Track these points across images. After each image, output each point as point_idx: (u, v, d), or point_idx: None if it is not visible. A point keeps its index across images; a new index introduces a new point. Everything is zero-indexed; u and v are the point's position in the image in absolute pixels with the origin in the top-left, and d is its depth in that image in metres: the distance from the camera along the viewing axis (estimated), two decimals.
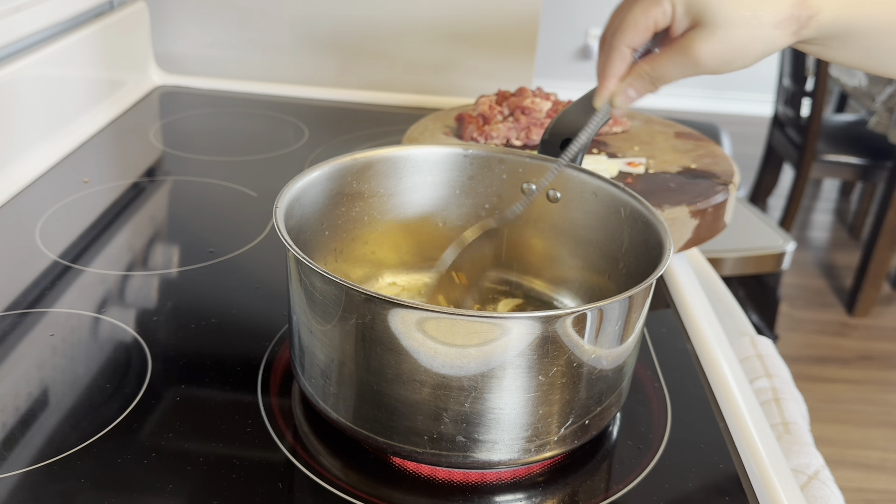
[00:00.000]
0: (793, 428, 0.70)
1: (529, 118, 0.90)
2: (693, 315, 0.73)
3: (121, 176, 0.95)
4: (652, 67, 0.54)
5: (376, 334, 0.47)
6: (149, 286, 0.72)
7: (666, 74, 0.54)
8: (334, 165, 0.61)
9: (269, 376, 0.61)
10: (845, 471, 1.91)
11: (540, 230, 0.66)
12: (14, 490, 0.49)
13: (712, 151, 0.89)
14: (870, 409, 2.12)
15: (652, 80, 0.55)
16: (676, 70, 0.53)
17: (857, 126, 2.67)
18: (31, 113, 0.93)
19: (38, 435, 0.54)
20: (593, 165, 0.82)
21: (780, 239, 1.62)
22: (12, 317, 0.66)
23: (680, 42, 0.53)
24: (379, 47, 1.27)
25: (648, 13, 0.53)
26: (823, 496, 0.62)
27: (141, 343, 0.64)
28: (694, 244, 0.78)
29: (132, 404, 0.57)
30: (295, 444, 0.54)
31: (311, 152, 1.04)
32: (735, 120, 3.91)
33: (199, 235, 0.83)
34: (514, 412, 0.48)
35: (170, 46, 1.29)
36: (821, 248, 2.90)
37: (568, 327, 0.46)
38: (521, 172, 0.65)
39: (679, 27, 0.53)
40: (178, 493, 0.50)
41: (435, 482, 0.52)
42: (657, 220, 0.56)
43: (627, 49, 0.55)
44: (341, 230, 0.64)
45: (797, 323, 2.45)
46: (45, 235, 0.79)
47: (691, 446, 0.57)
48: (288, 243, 0.50)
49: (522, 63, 1.26)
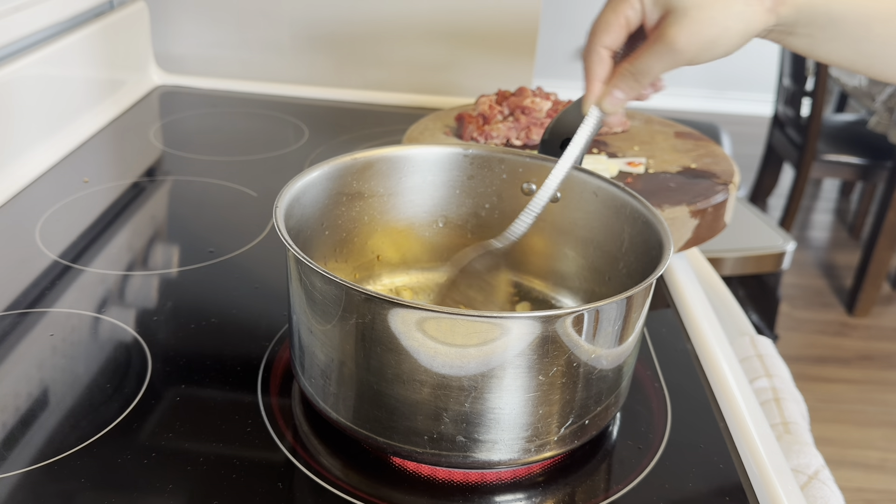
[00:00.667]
0: (793, 428, 0.70)
1: (529, 118, 0.90)
2: (693, 315, 0.73)
3: (121, 176, 0.95)
4: (632, 64, 0.54)
5: (376, 334, 0.47)
6: (149, 286, 0.72)
7: (647, 68, 0.53)
8: (334, 165, 0.61)
9: (269, 376, 0.61)
10: (845, 471, 1.91)
11: (540, 230, 0.66)
12: (14, 490, 0.49)
13: (712, 151, 0.89)
14: (870, 409, 2.12)
15: (635, 77, 0.54)
16: (657, 62, 0.53)
17: (858, 126, 2.67)
18: (31, 113, 0.93)
19: (38, 435, 0.54)
20: (593, 165, 0.82)
21: (780, 239, 1.62)
22: (12, 317, 0.66)
23: (655, 33, 0.52)
24: (379, 47, 1.27)
25: (618, 11, 0.53)
26: (823, 496, 0.62)
27: (141, 343, 0.64)
28: (694, 244, 0.78)
29: (132, 404, 0.57)
30: (295, 443, 0.54)
31: (311, 152, 1.04)
32: (735, 120, 3.91)
33: (199, 235, 0.83)
34: (514, 412, 0.48)
35: (170, 46, 1.29)
36: (821, 247, 2.90)
37: (568, 327, 0.46)
38: (521, 172, 0.65)
39: (651, 19, 0.53)
40: (178, 492, 0.50)
41: (435, 482, 0.52)
42: (657, 220, 0.56)
43: (604, 51, 0.55)
44: (341, 230, 0.64)
45: (797, 323, 2.45)
46: (45, 235, 0.79)
47: (691, 446, 0.57)
48: (288, 243, 0.50)
49: (522, 63, 1.26)
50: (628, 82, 0.55)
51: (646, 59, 0.53)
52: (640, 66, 0.54)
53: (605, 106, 0.56)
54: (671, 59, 0.52)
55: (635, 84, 0.55)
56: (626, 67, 0.54)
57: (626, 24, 0.54)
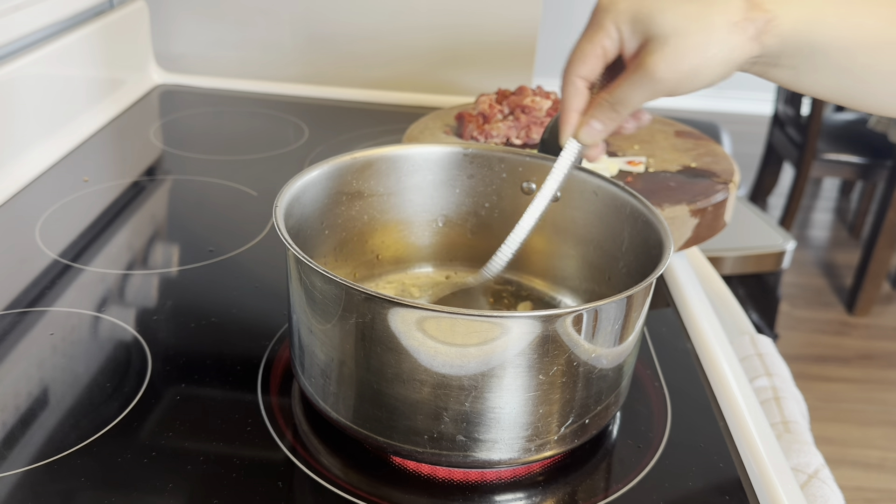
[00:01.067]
0: (793, 427, 0.70)
1: (529, 117, 0.90)
2: (693, 314, 0.73)
3: (121, 175, 0.95)
4: (611, 94, 0.52)
5: (376, 333, 0.47)
6: (149, 285, 0.72)
7: (626, 98, 0.52)
8: (334, 164, 0.61)
9: (269, 375, 0.61)
10: (845, 470, 1.91)
11: (540, 229, 0.65)
12: (14, 489, 0.49)
13: (712, 150, 0.89)
14: (870, 408, 2.12)
15: (613, 107, 0.52)
16: (636, 92, 0.51)
17: (858, 125, 2.67)
18: (31, 112, 0.93)
19: (38, 434, 0.54)
20: (593, 164, 0.82)
21: (780, 238, 1.62)
22: (12, 316, 0.66)
23: (634, 62, 0.50)
24: (379, 46, 1.27)
25: (594, 40, 0.51)
26: (823, 495, 0.62)
27: (141, 342, 0.64)
28: (694, 243, 0.78)
29: (132, 403, 0.57)
30: (295, 443, 0.55)
31: (311, 151, 1.04)
32: (735, 119, 3.91)
33: (198, 234, 0.83)
34: (515, 411, 0.48)
35: (170, 45, 1.29)
36: (821, 246, 2.90)
37: (568, 326, 0.46)
38: (521, 171, 0.65)
39: (629, 48, 0.51)
40: (178, 492, 0.50)
41: (435, 481, 0.52)
42: (657, 219, 0.56)
43: (580, 81, 0.53)
44: (341, 229, 0.64)
45: (797, 322, 2.46)
46: (45, 234, 0.79)
47: (691, 445, 0.57)
48: (288, 242, 0.50)
49: (523, 62, 1.26)
50: (607, 113, 0.53)
51: (624, 88, 0.51)
52: (618, 97, 0.52)
53: (583, 137, 0.54)
54: (651, 89, 0.50)
55: (614, 115, 0.53)
56: (605, 98, 0.52)
57: (602, 55, 0.52)
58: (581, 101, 0.54)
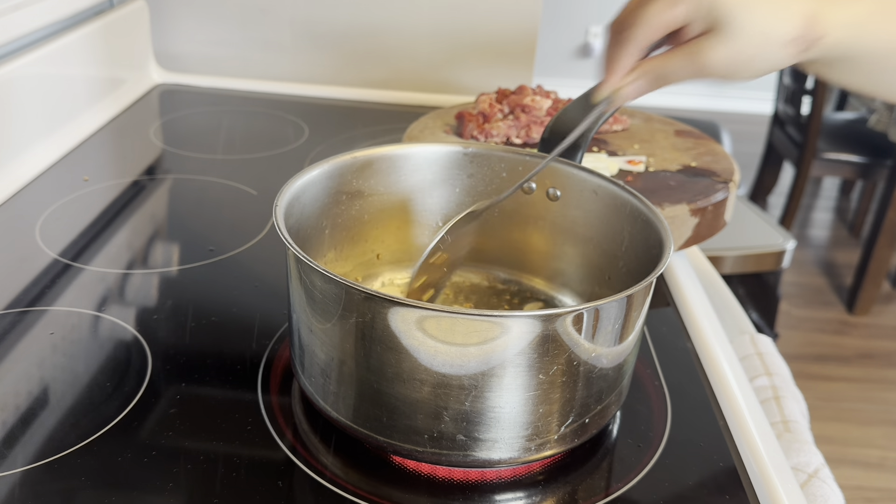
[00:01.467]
0: (793, 426, 0.70)
1: (530, 116, 0.90)
2: (693, 313, 0.73)
3: (121, 174, 0.95)
4: (660, 65, 0.53)
5: (376, 333, 0.47)
6: (149, 284, 0.72)
7: (672, 75, 0.53)
8: (334, 164, 0.61)
9: (269, 375, 0.61)
10: (845, 469, 1.91)
11: (540, 228, 0.66)
12: (14, 488, 0.49)
13: (712, 149, 0.89)
14: (870, 408, 2.12)
15: (657, 79, 0.54)
16: (683, 72, 0.52)
17: (858, 124, 2.67)
18: (31, 111, 0.93)
19: (38, 433, 0.54)
20: (593, 163, 0.82)
21: (780, 237, 1.62)
22: (12, 315, 0.66)
23: (691, 45, 0.52)
24: (379, 45, 1.27)
25: (665, 13, 0.52)
26: (823, 494, 0.62)
27: (141, 341, 0.64)
28: (694, 242, 0.78)
29: (132, 403, 0.57)
30: (295, 442, 0.55)
31: (311, 150, 1.04)
32: (735, 118, 3.91)
33: (199, 234, 0.83)
34: (515, 411, 0.48)
35: (170, 44, 1.29)
36: (821, 246, 2.90)
37: (568, 326, 0.46)
38: (521, 171, 0.65)
39: (693, 30, 0.52)
40: (178, 491, 0.50)
41: (435, 481, 0.52)
42: (657, 219, 0.56)
43: (639, 45, 0.54)
44: (341, 228, 0.64)
45: (797, 321, 2.46)
46: (45, 233, 0.79)
47: (691, 445, 0.57)
48: (288, 242, 0.50)
49: (523, 61, 1.26)
50: (648, 82, 0.54)
51: (674, 65, 0.52)
52: (665, 70, 0.53)
53: (624, 94, 0.55)
54: (696, 74, 0.52)
55: (654, 85, 0.54)
56: (653, 67, 0.54)
57: (667, 27, 0.52)
58: (631, 64, 0.55)
